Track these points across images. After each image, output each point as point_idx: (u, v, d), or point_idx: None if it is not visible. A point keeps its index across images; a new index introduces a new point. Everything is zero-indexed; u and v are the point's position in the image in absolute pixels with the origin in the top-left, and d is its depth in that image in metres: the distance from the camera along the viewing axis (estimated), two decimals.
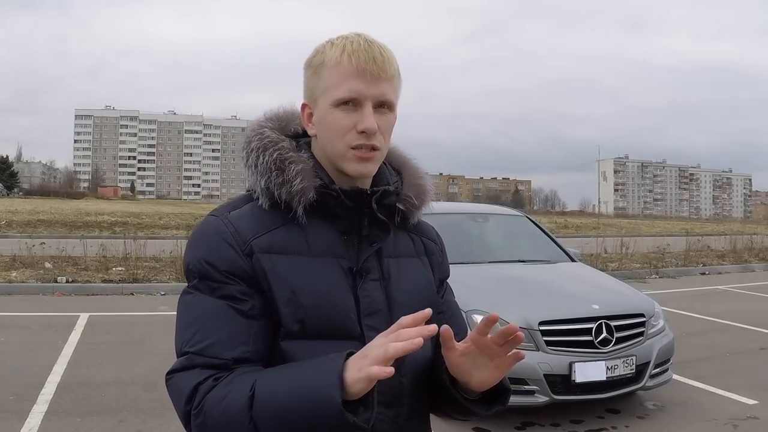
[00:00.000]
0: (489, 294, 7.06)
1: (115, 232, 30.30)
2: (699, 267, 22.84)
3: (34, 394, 7.26)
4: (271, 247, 1.71)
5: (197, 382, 1.60)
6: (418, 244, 2.00)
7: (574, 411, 6.98)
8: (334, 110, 1.72)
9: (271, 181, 1.75)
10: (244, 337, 1.66)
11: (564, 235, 36.86)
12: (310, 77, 1.79)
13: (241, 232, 1.71)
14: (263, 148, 1.79)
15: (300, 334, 1.68)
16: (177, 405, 1.63)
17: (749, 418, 7.07)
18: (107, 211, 63.66)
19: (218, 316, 1.67)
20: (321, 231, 1.78)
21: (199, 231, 1.78)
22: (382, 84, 1.72)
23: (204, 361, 1.63)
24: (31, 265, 17.09)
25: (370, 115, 1.70)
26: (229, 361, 1.63)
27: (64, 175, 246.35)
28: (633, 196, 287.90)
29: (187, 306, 1.72)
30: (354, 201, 1.78)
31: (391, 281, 1.84)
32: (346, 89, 1.70)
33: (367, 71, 1.69)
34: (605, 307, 6.83)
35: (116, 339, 9.89)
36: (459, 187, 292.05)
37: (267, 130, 1.83)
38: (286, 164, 1.76)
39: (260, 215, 1.76)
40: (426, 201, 1.95)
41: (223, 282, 1.68)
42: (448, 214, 9.64)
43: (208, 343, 1.64)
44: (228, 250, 1.69)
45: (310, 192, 1.74)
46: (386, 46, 1.78)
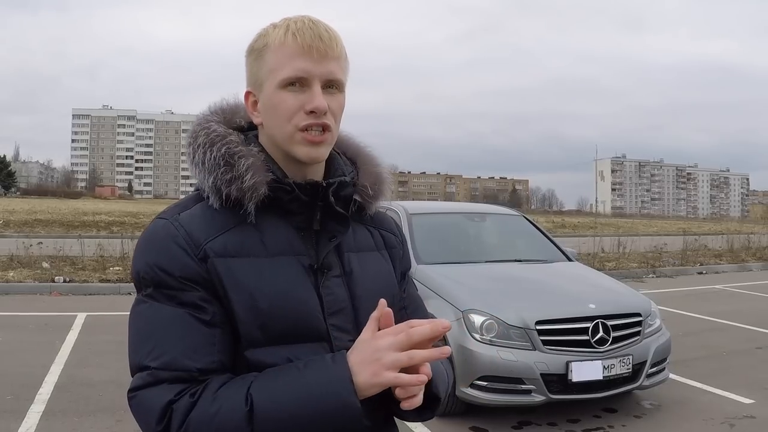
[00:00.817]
0: (486, 294, 7.07)
1: (112, 232, 30.31)
2: (696, 266, 22.83)
3: (31, 394, 7.26)
4: (225, 250, 1.61)
5: (168, 399, 1.48)
6: (377, 237, 1.92)
7: (571, 410, 6.99)
8: (280, 92, 1.64)
9: (218, 178, 1.64)
10: (209, 347, 1.55)
11: (561, 235, 36.87)
12: (253, 62, 1.71)
13: (193, 236, 1.60)
14: (210, 143, 1.68)
15: (263, 341, 1.59)
16: (146, 426, 1.52)
17: (746, 417, 7.08)
18: (104, 210, 63.67)
19: (178, 325, 1.55)
20: (276, 229, 1.68)
21: (148, 235, 1.66)
22: (329, 62, 1.64)
23: (170, 375, 1.50)
24: (28, 265, 17.09)
25: (319, 94, 1.63)
26: (196, 372, 1.52)
27: (61, 174, 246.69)
28: (630, 196, 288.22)
29: (141, 317, 1.59)
30: (309, 195, 1.69)
31: (353, 277, 1.76)
32: (293, 68, 1.62)
33: (313, 48, 1.62)
34: (602, 306, 6.84)
35: (114, 339, 9.84)
36: (456, 186, 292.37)
37: (213, 123, 1.73)
38: (236, 159, 1.65)
39: (212, 216, 1.65)
40: (383, 190, 1.88)
41: (180, 289, 1.57)
42: (445, 213, 9.66)
43: (172, 355, 1.52)
44: (181, 254, 1.58)
45: (262, 188, 1.63)
46: (332, 27, 1.70)
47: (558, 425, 6.74)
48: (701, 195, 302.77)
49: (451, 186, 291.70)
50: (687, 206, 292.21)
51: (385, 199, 1.90)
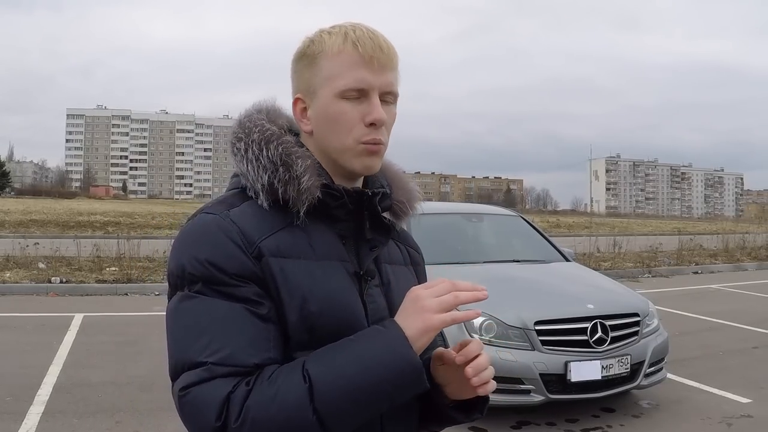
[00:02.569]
0: None
1: (108, 232, 30.25)
2: (692, 266, 22.90)
3: (30, 395, 7.26)
4: (279, 250, 1.56)
5: (227, 392, 1.41)
6: (405, 253, 1.92)
7: (570, 410, 7.00)
8: (338, 101, 1.60)
9: (276, 176, 1.59)
10: (266, 343, 1.50)
11: (556, 234, 36.85)
12: (305, 68, 1.67)
13: (247, 233, 1.55)
14: (266, 141, 1.64)
15: (310, 343, 1.53)
16: (201, 422, 1.43)
17: (743, 416, 7.11)
18: (99, 210, 63.52)
19: (235, 320, 1.49)
20: (323, 233, 1.65)
21: (196, 229, 1.59)
22: (388, 74, 1.62)
23: (226, 370, 1.44)
24: (24, 265, 17.08)
25: (379, 105, 1.60)
26: (253, 368, 1.46)
27: (55, 174, 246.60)
28: (625, 195, 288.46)
29: (190, 312, 1.52)
30: (354, 203, 1.66)
31: (390, 287, 1.74)
32: (353, 78, 1.58)
33: (374, 59, 1.59)
34: (600, 306, 6.86)
35: (111, 339, 9.88)
36: (451, 186, 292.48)
37: (265, 122, 1.69)
38: (293, 159, 1.61)
39: (263, 215, 1.60)
40: (416, 207, 1.88)
41: (234, 285, 1.51)
42: (442, 214, 9.66)
43: (230, 350, 1.46)
44: (236, 251, 1.52)
45: (316, 191, 1.60)
46: (387, 37, 1.67)
47: (557, 425, 6.76)
48: (696, 195, 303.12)
49: (445, 186, 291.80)
50: (681, 206, 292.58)
51: (414, 217, 1.91)
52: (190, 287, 1.53)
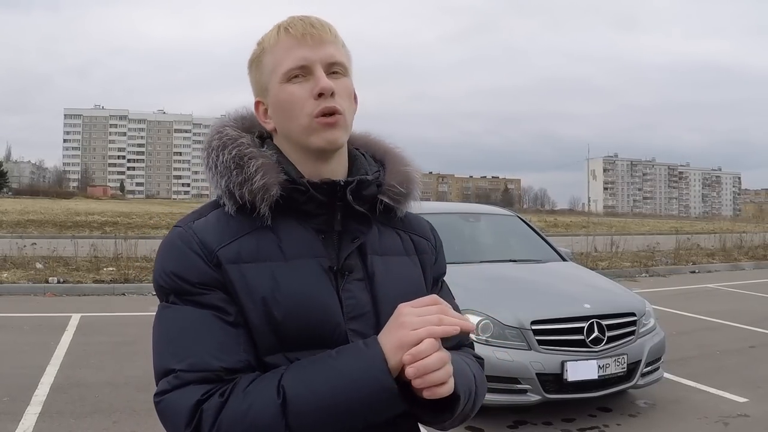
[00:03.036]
0: (481, 294, 7.08)
1: (105, 232, 30.22)
2: (689, 266, 22.91)
3: (27, 396, 7.26)
4: (239, 257, 1.57)
5: (196, 400, 1.44)
6: (407, 241, 1.82)
7: (566, 409, 7.00)
8: (285, 86, 1.62)
9: (231, 181, 1.61)
10: (235, 347, 1.52)
11: (554, 234, 36.87)
12: (255, 71, 1.71)
13: (206, 243, 1.58)
14: (222, 146, 1.65)
15: (279, 347, 1.55)
16: (174, 428, 1.47)
17: (740, 416, 7.11)
18: (97, 210, 63.53)
19: (202, 326, 1.53)
20: (295, 232, 1.63)
21: (165, 244, 1.63)
22: (327, 46, 1.63)
23: (196, 376, 1.47)
24: (21, 265, 17.05)
25: (323, 75, 1.60)
26: (222, 371, 1.48)
27: (53, 174, 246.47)
28: (622, 195, 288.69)
29: (164, 321, 1.57)
30: (326, 194, 1.64)
31: (375, 280, 1.67)
32: (292, 59, 1.61)
33: (307, 36, 1.61)
34: (597, 306, 6.86)
35: (109, 339, 9.87)
36: (449, 186, 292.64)
37: (228, 128, 1.70)
38: (245, 160, 1.62)
39: (226, 222, 1.62)
40: (412, 190, 1.80)
41: (199, 293, 1.55)
42: (439, 214, 9.66)
43: (197, 356, 1.49)
44: (197, 260, 1.56)
45: (273, 188, 1.59)
46: (324, 19, 1.69)
47: (553, 424, 6.76)
48: (693, 194, 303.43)
49: (443, 185, 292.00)
50: (679, 205, 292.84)
51: (415, 200, 1.83)
52: (166, 299, 1.59)
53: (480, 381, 1.79)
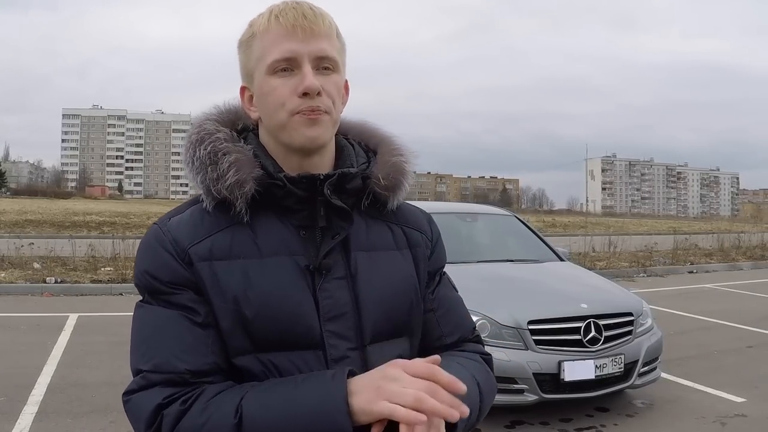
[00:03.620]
0: (478, 294, 7.06)
1: (103, 232, 30.26)
2: (687, 266, 22.92)
3: (24, 395, 7.24)
4: (210, 254, 1.53)
5: (157, 403, 1.43)
6: (399, 234, 1.75)
7: (564, 409, 7.00)
8: (269, 78, 1.56)
9: (207, 177, 1.57)
10: (203, 348, 1.49)
11: (552, 234, 36.90)
12: (243, 55, 1.64)
13: (179, 240, 1.55)
14: (200, 141, 1.60)
15: (249, 348, 1.51)
16: (137, 429, 1.48)
17: (737, 416, 7.11)
18: (95, 210, 63.50)
19: (170, 327, 1.51)
20: (273, 227, 1.58)
21: (142, 242, 1.62)
22: (318, 40, 1.55)
23: (161, 378, 1.46)
24: (19, 265, 17.04)
25: (309, 73, 1.53)
26: (187, 374, 1.46)
27: (51, 174, 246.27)
28: (621, 195, 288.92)
29: (137, 321, 1.57)
30: (306, 189, 1.57)
31: (358, 278, 1.61)
32: (279, 50, 1.54)
33: (297, 27, 1.53)
34: (594, 306, 6.86)
35: (106, 339, 9.86)
36: (447, 186, 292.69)
37: (208, 123, 1.64)
38: (219, 156, 1.57)
39: (201, 219, 1.58)
40: (402, 182, 1.72)
41: (170, 293, 1.53)
42: (437, 213, 9.64)
43: (163, 357, 1.48)
44: (169, 259, 1.54)
45: (247, 184, 1.54)
46: (319, 6, 1.61)
47: (550, 424, 6.76)
48: (691, 194, 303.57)
49: (441, 185, 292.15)
50: (677, 205, 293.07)
51: (405, 191, 1.75)
52: (142, 297, 1.59)
53: (486, 387, 1.77)
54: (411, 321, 1.68)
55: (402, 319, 1.67)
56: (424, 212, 1.90)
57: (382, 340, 1.63)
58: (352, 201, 1.65)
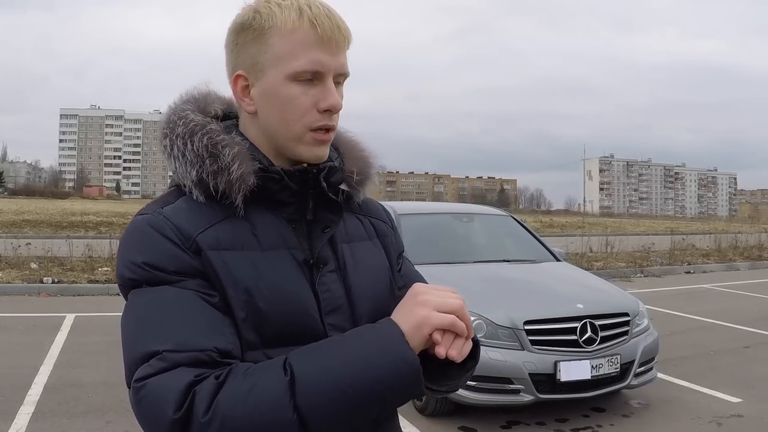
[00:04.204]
0: (474, 294, 7.07)
1: (101, 232, 30.22)
2: (684, 266, 22.93)
3: (20, 396, 7.25)
4: (218, 243, 1.46)
5: (189, 381, 1.28)
6: (368, 225, 1.78)
7: (560, 410, 7.02)
8: (289, 84, 1.49)
9: (204, 170, 1.50)
10: (223, 328, 1.40)
11: (549, 234, 36.93)
12: (250, 43, 1.52)
13: (182, 228, 1.46)
14: (190, 134, 1.53)
15: (258, 343, 1.44)
16: (158, 415, 1.29)
17: (733, 416, 7.12)
18: (93, 210, 63.47)
19: (187, 304, 1.40)
20: (267, 221, 1.55)
21: (130, 232, 1.50)
22: (343, 55, 1.53)
23: (186, 357, 1.32)
24: (16, 265, 17.03)
25: (334, 91, 1.51)
26: (214, 352, 1.35)
27: (49, 174, 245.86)
28: (618, 195, 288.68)
29: (138, 306, 1.43)
30: (299, 182, 1.56)
31: (347, 270, 1.62)
32: (309, 60, 1.47)
33: (333, 41, 1.49)
34: (590, 306, 6.87)
35: (103, 339, 9.85)
36: (445, 186, 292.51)
37: (189, 113, 1.58)
38: (219, 148, 1.51)
39: (198, 208, 1.51)
40: (369, 176, 1.74)
41: (177, 281, 1.42)
42: (434, 214, 9.67)
43: (184, 335, 1.35)
44: (172, 247, 1.44)
45: (250, 178, 1.50)
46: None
47: (547, 425, 6.77)
48: (689, 194, 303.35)
49: (439, 186, 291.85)
50: (675, 206, 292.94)
51: (373, 185, 1.78)
52: (138, 289, 1.45)
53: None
54: (391, 306, 1.62)
55: (385, 304, 1.63)
56: (378, 203, 1.92)
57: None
58: (332, 193, 1.64)
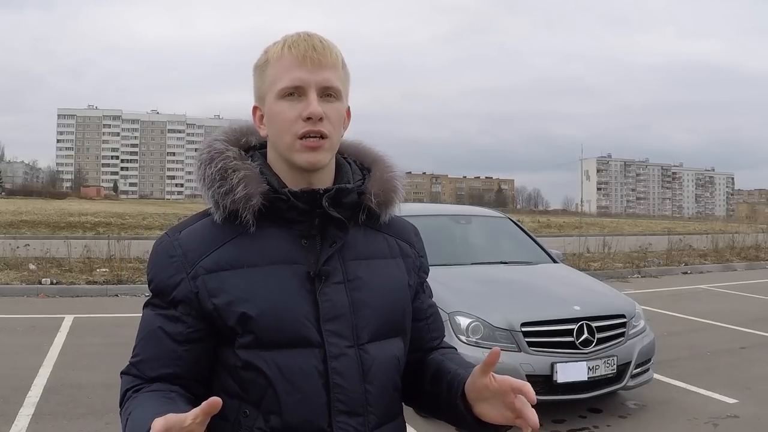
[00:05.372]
0: (471, 295, 7.12)
1: (98, 233, 30.17)
2: (681, 266, 22.96)
3: (20, 397, 7.27)
4: (218, 265, 1.72)
5: (126, 388, 1.73)
6: (393, 245, 1.94)
7: (557, 411, 7.03)
8: (279, 102, 1.72)
9: (216, 192, 1.74)
10: (169, 361, 1.72)
11: (546, 235, 36.99)
12: (257, 78, 1.81)
13: (188, 255, 1.73)
14: (210, 160, 1.78)
15: (254, 345, 1.68)
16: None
17: (729, 417, 7.15)
18: (90, 211, 63.31)
19: (152, 336, 1.74)
20: (275, 238, 1.75)
21: (154, 250, 1.80)
22: (325, 71, 1.72)
23: (135, 372, 1.75)
24: (15, 266, 17.05)
25: (314, 101, 1.69)
26: (149, 379, 1.72)
27: (46, 174, 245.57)
28: (616, 195, 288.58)
29: (142, 318, 1.79)
30: (307, 203, 1.74)
31: (355, 283, 1.78)
32: (289, 78, 1.70)
33: (307, 58, 1.70)
34: (586, 308, 6.90)
35: (102, 341, 9.88)
36: (442, 186, 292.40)
37: (217, 142, 1.82)
38: (229, 173, 1.74)
39: (209, 232, 1.76)
40: (393, 198, 1.89)
41: (166, 304, 1.74)
42: (431, 216, 9.69)
43: (139, 359, 1.75)
44: (174, 275, 1.73)
45: (254, 198, 1.71)
46: (328, 39, 1.78)
47: (543, 426, 6.78)
48: (686, 194, 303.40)
49: (436, 186, 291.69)
50: (672, 206, 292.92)
51: (396, 206, 1.93)
52: (150, 298, 1.81)
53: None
54: (404, 322, 1.88)
55: (397, 320, 1.85)
56: (412, 225, 2.08)
57: (380, 339, 1.80)
58: (348, 213, 1.81)
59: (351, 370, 1.72)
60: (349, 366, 1.72)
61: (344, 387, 1.70)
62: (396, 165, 1.95)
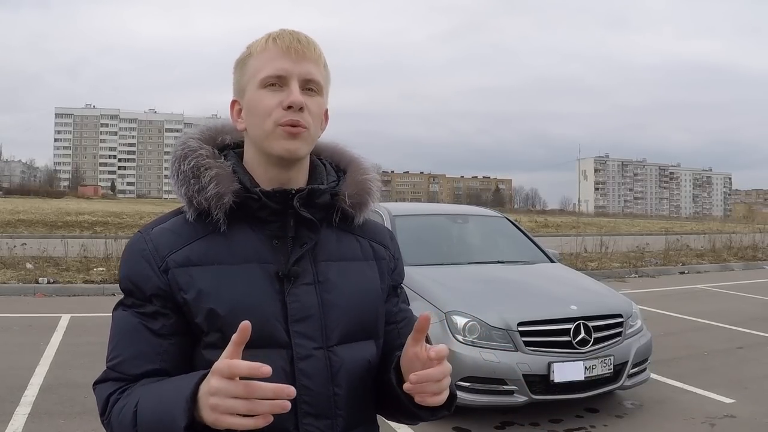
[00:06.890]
0: (468, 295, 7.12)
1: (96, 232, 30.14)
2: (678, 266, 22.97)
3: (17, 396, 7.28)
4: (188, 260, 1.70)
5: (108, 393, 1.67)
6: (366, 246, 1.92)
7: (553, 410, 7.04)
8: (260, 91, 1.72)
9: (189, 189, 1.73)
10: (153, 356, 1.68)
11: (544, 234, 37.00)
12: (238, 72, 1.80)
13: (159, 249, 1.71)
14: (183, 157, 1.77)
15: (221, 344, 1.54)
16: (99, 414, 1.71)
17: (726, 416, 7.16)
18: (87, 210, 63.34)
19: (131, 333, 1.70)
20: (247, 237, 1.74)
21: (126, 248, 1.80)
22: (307, 63, 1.72)
23: (116, 375, 1.69)
24: (11, 265, 17.04)
25: (296, 90, 1.69)
26: (133, 378, 1.67)
27: (44, 174, 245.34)
28: (613, 195, 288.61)
29: (113, 321, 1.75)
30: (279, 203, 1.74)
31: (326, 285, 1.77)
32: (272, 68, 1.70)
33: (291, 49, 1.70)
34: (583, 307, 6.90)
35: (98, 340, 9.77)
36: (440, 185, 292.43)
37: (192, 140, 1.82)
38: (202, 170, 1.73)
39: (181, 229, 1.75)
40: (368, 200, 1.89)
41: (141, 301, 1.71)
42: (428, 215, 9.69)
43: (120, 359, 1.69)
44: (146, 268, 1.70)
45: (226, 197, 1.70)
46: (312, 36, 1.79)
47: (540, 425, 6.80)
48: (684, 194, 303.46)
49: (434, 185, 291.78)
50: (670, 206, 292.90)
51: (370, 209, 1.92)
52: (123, 297, 1.78)
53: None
54: (377, 325, 1.87)
55: (369, 322, 1.84)
56: (387, 229, 2.08)
57: (351, 342, 1.78)
58: (321, 215, 1.81)
59: (319, 372, 1.71)
60: (316, 368, 1.70)
61: (311, 389, 1.68)
62: (371, 167, 1.95)
